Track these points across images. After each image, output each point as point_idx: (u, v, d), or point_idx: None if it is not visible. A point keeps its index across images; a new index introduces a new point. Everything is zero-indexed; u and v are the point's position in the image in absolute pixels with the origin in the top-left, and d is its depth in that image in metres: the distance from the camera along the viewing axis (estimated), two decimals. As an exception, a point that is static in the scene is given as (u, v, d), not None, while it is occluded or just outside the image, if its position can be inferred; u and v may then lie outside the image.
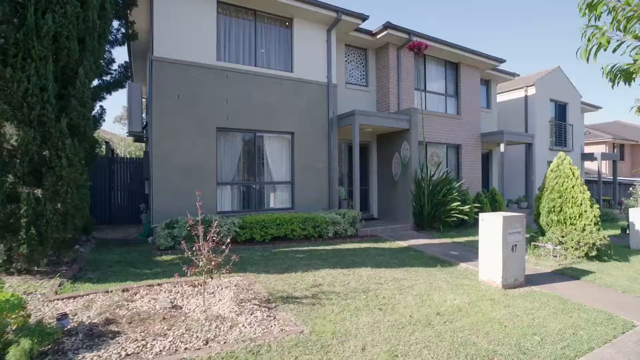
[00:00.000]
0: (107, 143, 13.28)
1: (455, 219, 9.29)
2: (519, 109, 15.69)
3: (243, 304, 3.77)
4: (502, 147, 12.30)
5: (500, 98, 16.45)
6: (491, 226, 5.14)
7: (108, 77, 6.94)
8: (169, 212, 7.26)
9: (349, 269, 5.50)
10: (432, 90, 12.05)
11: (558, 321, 3.81)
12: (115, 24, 7.25)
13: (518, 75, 14.97)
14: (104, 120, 7.09)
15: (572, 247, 6.68)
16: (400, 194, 10.13)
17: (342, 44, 10.63)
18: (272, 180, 8.89)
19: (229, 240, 4.04)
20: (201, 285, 3.71)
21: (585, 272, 5.78)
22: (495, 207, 11.20)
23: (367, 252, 6.86)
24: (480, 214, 5.33)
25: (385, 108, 10.93)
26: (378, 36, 10.40)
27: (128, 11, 7.25)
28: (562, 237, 6.86)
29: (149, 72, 7.33)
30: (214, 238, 3.82)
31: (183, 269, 3.61)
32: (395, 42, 10.78)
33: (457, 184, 9.80)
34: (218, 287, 4.31)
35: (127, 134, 9.69)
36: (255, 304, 3.79)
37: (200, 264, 3.73)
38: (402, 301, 4.21)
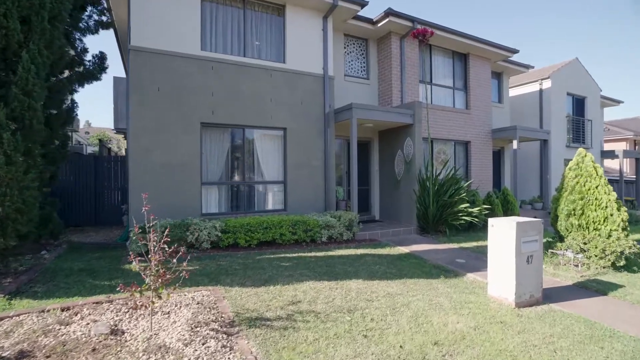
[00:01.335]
0: (100, 141, 12.88)
1: (463, 221, 8.51)
2: (533, 104, 14.72)
3: (198, 328, 3.14)
4: (514, 144, 11.41)
5: (513, 92, 15.49)
6: (502, 233, 4.40)
7: (81, 69, 6.42)
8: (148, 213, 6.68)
9: (338, 281, 4.82)
10: (438, 83, 11.24)
11: (586, 354, 3.07)
12: (95, 12, 6.68)
13: (532, 67, 14.02)
14: (75, 114, 6.55)
15: (596, 256, 5.86)
16: (404, 194, 9.39)
17: (340, 34, 9.93)
18: (263, 180, 8.26)
19: (182, 250, 3.40)
20: (146, 307, 3.10)
21: (614, 286, 4.98)
22: (507, 208, 10.36)
23: (362, 259, 6.17)
24: (489, 219, 4.59)
25: (387, 102, 10.19)
26: (379, 24, 9.67)
27: (103, -4, 6.74)
28: (585, 243, 6.05)
29: (127, 63, 6.78)
30: (165, 248, 3.19)
31: (118, 288, 3.00)
32: (397, 31, 10.02)
33: (465, 184, 9.01)
34: (176, 305, 3.69)
35: (115, 131, 9.19)
36: (213, 329, 3.15)
37: (147, 280, 3.11)
38: (393, 324, 3.52)
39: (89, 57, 6.68)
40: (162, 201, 6.91)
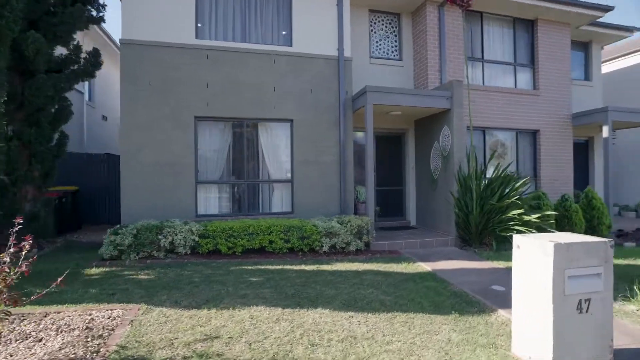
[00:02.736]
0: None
1: (515, 232, 6.43)
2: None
3: (38, 371, 2.34)
4: (605, 131, 8.60)
5: (610, 67, 12.06)
6: (532, 261, 2.76)
7: (75, 67, 6.40)
8: (138, 214, 6.36)
9: (296, 309, 3.65)
10: (493, 59, 9.07)
11: None
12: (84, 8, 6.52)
13: (639, 29, 10.61)
14: (72, 112, 6.54)
15: None
16: (441, 196, 7.63)
17: (364, 10, 8.59)
18: (266, 179, 7.41)
19: (24, 268, 2.64)
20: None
21: None
22: (592, 216, 7.75)
23: (359, 278, 4.84)
24: (514, 237, 2.96)
25: (423, 85, 8.51)
26: (409, -8, 8.09)
27: (96, -9, 6.66)
28: None
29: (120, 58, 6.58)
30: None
31: None
32: (434, -1, 8.29)
33: (519, 182, 6.85)
34: (59, 330, 2.97)
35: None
36: (55, 375, 2.32)
37: (-16, 301, 2.43)
38: (315, 397, 2.26)
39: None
40: (154, 201, 6.53)
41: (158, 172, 6.56)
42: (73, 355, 2.58)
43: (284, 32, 7.44)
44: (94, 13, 6.47)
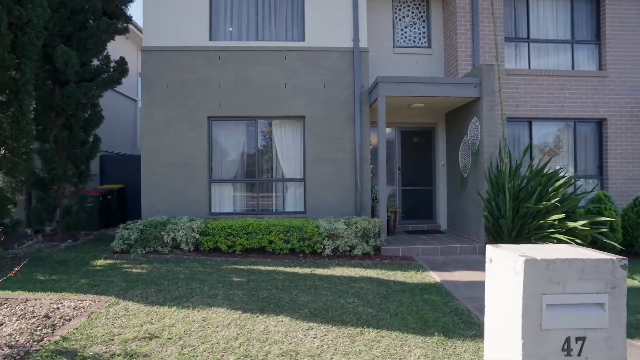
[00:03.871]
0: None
1: (554, 241, 5.32)
2: None
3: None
4: (700, 116, 6.75)
5: None
6: (503, 279, 2.15)
7: (105, 75, 7.01)
8: (157, 211, 6.74)
9: (255, 315, 3.41)
10: (542, 37, 7.76)
11: None
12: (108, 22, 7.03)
13: None
14: (103, 117, 7.17)
15: None
16: (470, 197, 6.73)
17: (387, -3, 8.01)
18: (279, 178, 7.29)
19: None
20: None
21: None
22: (677, 224, 6.12)
23: (347, 285, 4.43)
24: (487, 248, 2.35)
25: (453, 72, 7.62)
26: (435, -29, 7.30)
27: (123, 6, 7.20)
28: None
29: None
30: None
31: None
32: (465, -26, 7.36)
33: (561, 181, 5.62)
34: (23, 316, 3.15)
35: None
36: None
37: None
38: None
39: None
40: (170, 199, 6.85)
41: (174, 171, 6.86)
42: (14, 342, 2.70)
43: (295, 27, 7.26)
44: (120, 24, 7.03)
